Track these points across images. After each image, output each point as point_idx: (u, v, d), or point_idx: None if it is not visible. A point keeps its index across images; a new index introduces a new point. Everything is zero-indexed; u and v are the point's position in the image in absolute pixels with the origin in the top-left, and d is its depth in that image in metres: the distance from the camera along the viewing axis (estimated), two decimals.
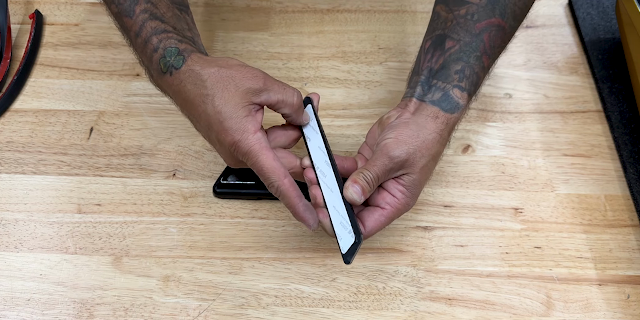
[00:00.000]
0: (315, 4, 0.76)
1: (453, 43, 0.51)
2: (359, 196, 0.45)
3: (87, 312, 0.52)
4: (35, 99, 0.67)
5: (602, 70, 0.69)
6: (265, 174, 0.46)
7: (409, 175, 0.48)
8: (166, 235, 0.57)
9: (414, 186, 0.48)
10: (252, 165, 0.47)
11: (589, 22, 0.73)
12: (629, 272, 0.55)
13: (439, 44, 0.52)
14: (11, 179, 0.60)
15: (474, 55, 0.51)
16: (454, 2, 0.52)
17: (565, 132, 0.64)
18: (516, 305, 0.53)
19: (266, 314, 0.52)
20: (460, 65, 0.50)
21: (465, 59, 0.50)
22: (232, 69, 0.47)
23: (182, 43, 0.49)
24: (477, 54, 0.51)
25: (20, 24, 0.74)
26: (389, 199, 0.48)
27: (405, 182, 0.48)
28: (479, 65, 0.51)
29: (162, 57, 0.48)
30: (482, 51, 0.51)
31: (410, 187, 0.48)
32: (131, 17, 0.50)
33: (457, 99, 0.50)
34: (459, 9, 0.52)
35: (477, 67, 0.51)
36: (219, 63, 0.48)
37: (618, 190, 0.60)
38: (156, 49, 0.48)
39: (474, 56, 0.50)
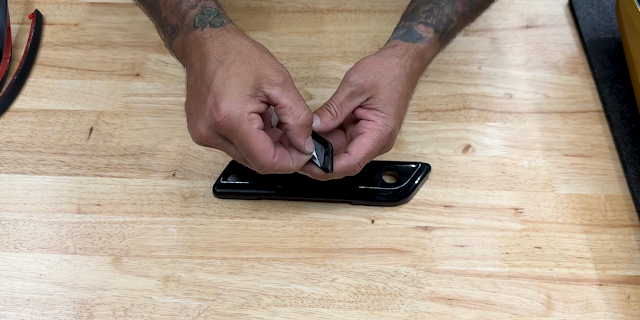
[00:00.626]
0: (315, 4, 0.76)
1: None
2: (317, 122, 0.48)
3: (87, 312, 0.52)
4: (35, 99, 0.67)
5: (602, 70, 0.69)
6: (255, 157, 0.45)
7: (374, 97, 0.49)
8: (166, 235, 0.57)
9: (384, 105, 0.49)
10: (239, 146, 0.45)
11: (589, 22, 0.73)
12: (630, 272, 0.55)
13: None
14: (11, 179, 0.60)
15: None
16: None
17: (565, 132, 0.64)
18: (516, 306, 0.53)
19: (266, 314, 0.52)
20: (429, 6, 0.53)
21: (436, 1, 0.53)
22: (265, 53, 0.47)
23: (220, 8, 0.49)
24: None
25: (20, 24, 0.74)
26: (365, 123, 0.49)
27: (373, 104, 0.49)
28: (450, 8, 0.52)
29: (200, 13, 0.48)
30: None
31: (381, 107, 0.49)
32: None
33: (420, 32, 0.52)
34: None
35: (447, 9, 0.52)
36: (256, 42, 0.48)
37: (618, 190, 0.60)
38: (194, 6, 0.48)
39: (447, 0, 0.53)
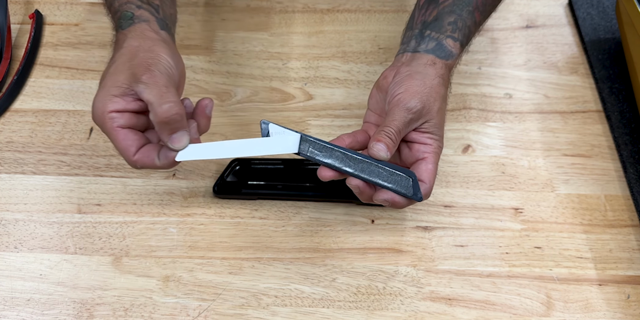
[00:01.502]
0: (315, 4, 0.76)
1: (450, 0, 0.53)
2: (385, 152, 0.47)
3: (87, 312, 0.52)
4: (35, 99, 0.67)
5: (602, 70, 0.69)
6: (121, 154, 0.47)
7: (429, 122, 0.49)
8: (166, 235, 0.57)
9: (437, 129, 0.50)
10: (110, 140, 0.47)
11: (589, 22, 0.73)
12: (629, 272, 0.55)
13: None
14: (11, 179, 0.60)
15: (466, 9, 0.52)
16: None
17: (565, 132, 0.64)
18: (516, 306, 0.53)
19: (266, 314, 0.52)
20: (453, 18, 0.52)
21: (458, 12, 0.52)
22: (146, 52, 0.47)
23: (140, 9, 0.50)
24: (470, 9, 0.52)
25: (20, 24, 0.74)
26: (423, 148, 0.49)
27: (428, 128, 0.49)
28: (471, 19, 0.53)
29: (119, 19, 0.51)
30: (475, 6, 0.53)
31: (435, 131, 0.49)
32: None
33: (450, 48, 0.51)
34: None
35: (469, 21, 0.52)
36: (147, 42, 0.48)
37: (618, 190, 0.60)
38: (116, 12, 0.51)
39: (467, 10, 0.52)
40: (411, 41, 0.53)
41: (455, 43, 0.52)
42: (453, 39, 0.52)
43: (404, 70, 0.50)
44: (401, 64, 0.51)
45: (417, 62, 0.50)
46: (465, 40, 0.53)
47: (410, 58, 0.51)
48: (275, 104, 0.66)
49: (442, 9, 0.53)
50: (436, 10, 0.53)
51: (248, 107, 0.66)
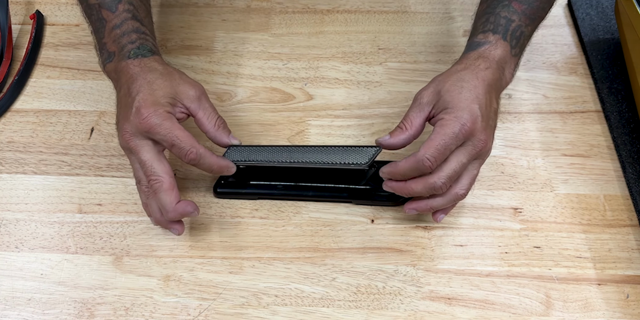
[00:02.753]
0: (315, 5, 0.76)
1: (484, 6, 0.58)
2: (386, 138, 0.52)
3: (88, 311, 0.52)
4: (36, 99, 0.67)
5: (601, 70, 0.69)
6: (180, 142, 0.50)
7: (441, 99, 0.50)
8: (167, 235, 0.57)
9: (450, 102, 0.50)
10: (164, 137, 0.50)
11: (588, 23, 0.73)
12: (628, 271, 0.55)
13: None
14: (12, 179, 0.61)
15: (500, 4, 0.56)
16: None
17: (564, 132, 0.64)
18: (515, 305, 0.53)
19: (266, 314, 0.52)
20: (484, 18, 0.56)
21: (490, 10, 0.56)
22: (183, 74, 0.55)
23: (155, 47, 0.57)
24: (505, 3, 0.55)
25: (21, 25, 0.74)
26: (436, 124, 0.50)
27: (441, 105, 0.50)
28: (507, 10, 0.55)
29: (137, 48, 0.55)
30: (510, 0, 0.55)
31: (447, 104, 0.50)
32: (113, 12, 0.56)
33: (478, 40, 0.55)
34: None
35: (504, 12, 0.55)
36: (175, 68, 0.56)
37: (617, 190, 0.60)
38: (133, 42, 0.55)
39: (501, 6, 0.56)
40: None
41: (486, 34, 0.54)
42: (483, 32, 0.55)
43: None
44: None
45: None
46: (500, 28, 0.54)
47: None
48: (276, 104, 0.66)
49: (477, 16, 0.58)
50: (474, 19, 0.58)
51: (248, 108, 0.66)
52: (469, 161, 0.50)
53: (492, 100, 0.51)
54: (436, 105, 0.51)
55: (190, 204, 0.51)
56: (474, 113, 0.49)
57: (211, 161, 0.52)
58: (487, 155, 0.52)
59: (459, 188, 0.50)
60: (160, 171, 0.50)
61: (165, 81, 0.52)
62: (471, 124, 0.48)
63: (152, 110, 0.50)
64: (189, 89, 0.53)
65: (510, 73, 0.55)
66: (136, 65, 0.53)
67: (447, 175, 0.49)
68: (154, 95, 0.51)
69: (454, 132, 0.48)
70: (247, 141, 0.63)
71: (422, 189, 0.49)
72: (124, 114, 0.52)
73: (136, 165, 0.52)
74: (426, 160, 0.48)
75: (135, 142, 0.51)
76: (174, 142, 0.50)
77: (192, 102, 0.53)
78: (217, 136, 0.54)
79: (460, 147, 0.49)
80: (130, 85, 0.52)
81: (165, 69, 0.54)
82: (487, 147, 0.50)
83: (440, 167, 0.49)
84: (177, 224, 0.53)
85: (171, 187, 0.50)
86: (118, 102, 0.54)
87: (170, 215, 0.50)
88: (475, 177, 0.51)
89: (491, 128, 0.51)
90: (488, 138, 0.50)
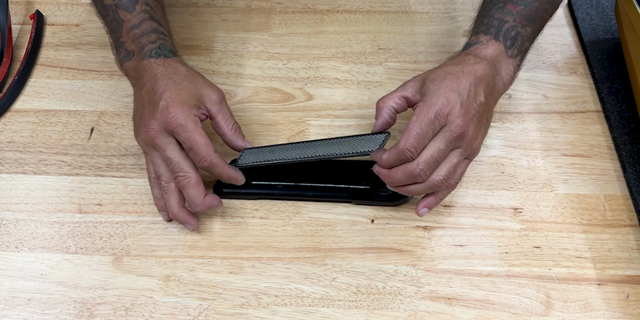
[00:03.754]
0: (315, 5, 0.76)
1: (481, 10, 0.59)
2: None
3: (88, 311, 0.52)
4: (36, 99, 0.67)
5: (601, 70, 0.69)
6: (198, 149, 0.52)
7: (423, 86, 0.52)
8: (167, 235, 0.57)
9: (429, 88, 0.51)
10: (185, 139, 0.52)
11: (588, 23, 0.73)
12: (628, 271, 0.55)
13: None
14: (12, 179, 0.61)
15: (495, 7, 0.57)
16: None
17: (564, 132, 0.64)
18: (515, 305, 0.53)
19: (266, 314, 0.52)
20: (479, 21, 0.58)
21: (485, 13, 0.58)
22: (205, 78, 0.57)
23: (174, 47, 0.59)
24: (500, 5, 0.57)
25: (21, 25, 0.74)
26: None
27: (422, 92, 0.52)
28: (501, 12, 0.56)
29: (157, 48, 0.56)
30: (506, 1, 0.57)
31: (426, 90, 0.51)
32: (130, 12, 0.58)
33: (470, 41, 0.56)
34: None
35: (498, 14, 0.56)
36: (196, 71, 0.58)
37: (617, 190, 0.60)
38: (153, 41, 0.57)
39: (496, 8, 0.57)
40: None
41: (477, 35, 0.56)
42: (475, 34, 0.57)
43: None
44: None
45: None
46: (493, 29, 0.56)
47: None
48: (276, 104, 0.67)
49: (474, 19, 0.59)
50: (473, 24, 0.59)
51: (248, 108, 0.66)
52: (447, 147, 0.50)
53: (479, 93, 0.51)
54: (419, 91, 0.53)
55: (216, 198, 0.54)
56: (451, 100, 0.50)
57: (222, 171, 0.54)
58: (471, 146, 0.51)
59: (436, 174, 0.50)
60: (187, 168, 0.52)
61: (190, 83, 0.55)
62: (447, 109, 0.49)
63: (179, 110, 0.52)
64: (212, 92, 0.55)
65: (508, 74, 0.55)
66: (160, 64, 0.55)
67: (425, 161, 0.49)
68: (181, 95, 0.53)
69: (429, 118, 0.49)
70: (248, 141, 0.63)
71: (402, 176, 0.50)
72: (148, 110, 0.53)
73: (157, 160, 0.54)
74: (407, 151, 0.49)
75: (162, 140, 0.52)
76: (193, 147, 0.52)
77: (213, 105, 0.55)
78: (233, 140, 0.56)
79: (438, 133, 0.50)
80: (155, 83, 0.54)
81: (189, 71, 0.56)
82: (465, 134, 0.50)
83: (420, 154, 0.49)
84: (193, 219, 0.55)
85: (198, 183, 0.53)
86: (139, 99, 0.55)
87: (199, 208, 0.53)
88: (456, 166, 0.51)
89: (473, 118, 0.51)
90: (467, 125, 0.50)
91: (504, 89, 0.56)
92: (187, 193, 0.53)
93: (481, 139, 0.52)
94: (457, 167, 0.51)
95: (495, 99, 0.55)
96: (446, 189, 0.53)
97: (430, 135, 0.49)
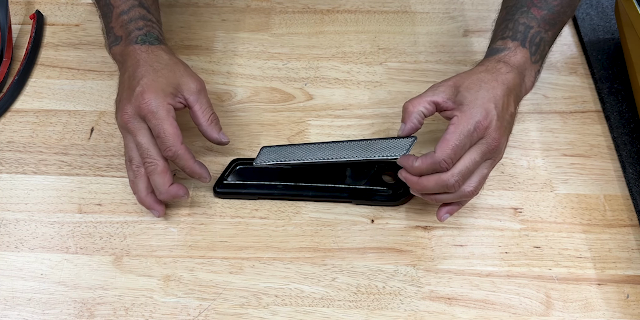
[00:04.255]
0: (315, 5, 0.76)
1: (504, 13, 0.58)
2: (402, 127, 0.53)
3: (88, 311, 0.52)
4: (36, 99, 0.67)
5: (601, 70, 0.69)
6: (165, 137, 0.52)
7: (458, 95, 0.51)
8: (167, 235, 0.57)
9: (465, 97, 0.50)
10: (154, 126, 0.52)
11: (588, 23, 0.73)
12: (628, 271, 0.55)
13: None
14: (12, 179, 0.61)
15: (519, 11, 0.56)
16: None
17: (564, 132, 0.64)
18: (515, 305, 0.53)
19: (266, 314, 0.52)
20: (503, 25, 0.57)
21: (509, 17, 0.57)
22: (187, 67, 0.57)
23: (161, 35, 0.60)
24: (524, 9, 0.56)
25: (21, 25, 0.74)
26: (450, 121, 0.50)
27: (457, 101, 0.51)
28: (526, 17, 0.56)
29: (144, 35, 0.57)
30: (529, 5, 0.56)
31: (462, 100, 0.50)
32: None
33: (497, 46, 0.55)
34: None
35: (523, 19, 0.56)
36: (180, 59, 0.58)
37: (617, 190, 0.60)
38: (140, 28, 0.58)
39: (520, 12, 0.56)
40: None
41: (504, 40, 0.55)
42: (502, 39, 0.55)
43: None
44: None
45: None
46: (519, 34, 0.55)
47: None
48: (276, 104, 0.66)
49: (498, 23, 0.58)
50: (495, 25, 0.59)
51: (248, 108, 0.66)
52: (481, 159, 0.50)
53: (510, 104, 0.51)
54: (453, 98, 0.51)
55: (182, 188, 0.54)
56: (489, 112, 0.49)
57: (186, 164, 0.53)
58: (499, 157, 0.52)
59: (467, 184, 0.50)
60: (156, 155, 0.53)
61: (169, 71, 0.55)
62: (486, 122, 0.49)
63: (153, 96, 0.52)
64: (191, 81, 0.55)
65: (530, 81, 0.55)
66: (143, 51, 0.56)
67: (460, 173, 0.49)
68: (158, 82, 0.53)
69: (468, 130, 0.48)
70: (247, 141, 0.63)
71: (435, 186, 0.50)
72: (126, 95, 0.54)
73: (131, 144, 0.54)
74: (443, 162, 0.48)
75: (134, 124, 0.53)
76: (160, 135, 0.52)
77: (191, 94, 0.55)
78: (208, 131, 0.56)
79: (474, 145, 0.49)
80: (136, 69, 0.55)
81: (171, 60, 0.57)
82: (500, 147, 0.50)
83: (454, 165, 0.49)
84: (159, 206, 0.55)
85: (165, 171, 0.53)
86: (121, 83, 0.57)
87: (163, 196, 0.54)
88: (485, 177, 0.51)
89: (506, 130, 0.51)
90: (501, 137, 0.50)
91: (525, 95, 0.56)
92: (153, 180, 0.53)
93: (506, 146, 0.53)
94: (487, 177, 0.51)
95: (518, 106, 0.55)
96: (461, 193, 0.52)
97: (467, 147, 0.49)
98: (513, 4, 0.57)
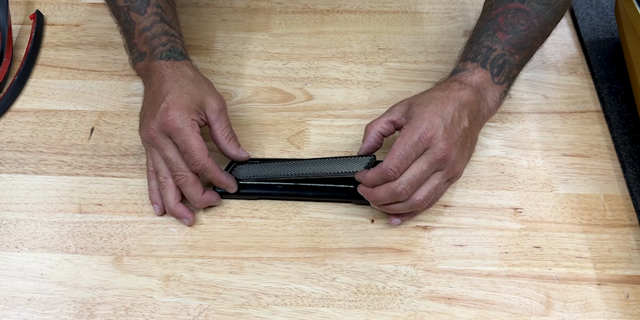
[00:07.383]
0: (315, 5, 0.76)
1: (471, 35, 0.59)
2: None
3: (88, 311, 0.52)
4: (36, 99, 0.67)
5: (601, 70, 0.69)
6: (192, 152, 0.53)
7: (409, 111, 0.54)
8: (167, 235, 0.57)
9: (414, 112, 0.53)
10: (180, 142, 0.53)
11: (588, 23, 0.73)
12: (628, 271, 0.55)
13: None
14: (12, 179, 0.61)
15: (485, 34, 0.57)
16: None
17: (564, 132, 0.64)
18: (515, 305, 0.53)
19: (266, 314, 0.52)
20: (468, 47, 0.58)
21: (475, 39, 0.58)
22: (211, 85, 0.59)
23: (184, 50, 0.61)
24: (489, 33, 0.57)
25: (21, 25, 0.74)
26: None
27: (408, 117, 0.53)
28: (490, 40, 0.57)
29: (168, 50, 0.58)
30: (495, 29, 0.57)
31: (411, 114, 0.53)
32: (142, 15, 0.59)
33: (457, 68, 0.57)
34: (484, 3, 0.61)
35: (487, 42, 0.57)
36: (204, 76, 0.60)
37: (617, 190, 0.60)
38: (164, 44, 0.59)
39: (486, 35, 0.57)
40: None
41: (465, 62, 0.57)
42: (463, 60, 0.58)
43: None
44: None
45: None
46: (480, 56, 0.57)
47: None
48: (276, 104, 0.67)
49: (464, 47, 0.60)
50: (461, 50, 0.60)
51: (248, 108, 0.66)
52: (429, 168, 0.51)
53: (463, 118, 0.53)
54: (405, 115, 0.54)
55: (214, 194, 0.57)
56: (434, 124, 0.51)
57: (214, 176, 0.55)
58: (454, 170, 0.53)
59: (417, 194, 0.52)
60: (185, 167, 0.54)
61: (194, 88, 0.56)
62: (430, 133, 0.51)
63: (178, 113, 0.53)
64: (213, 100, 0.57)
65: (494, 100, 0.57)
66: (169, 66, 0.57)
67: (407, 181, 0.51)
68: (182, 99, 0.54)
69: (413, 140, 0.51)
70: (248, 141, 0.63)
71: (384, 194, 0.52)
72: (151, 110, 0.55)
73: (157, 157, 0.56)
74: (389, 171, 0.50)
75: (161, 140, 0.54)
76: (187, 150, 0.53)
77: (212, 113, 0.57)
78: (228, 148, 0.57)
79: (422, 155, 0.51)
80: (161, 84, 0.56)
81: (196, 76, 0.58)
82: (449, 157, 0.51)
83: (402, 174, 0.51)
84: (190, 214, 0.57)
85: (196, 182, 0.55)
86: (146, 98, 0.58)
87: (198, 205, 0.56)
88: (436, 187, 0.52)
89: (456, 142, 0.52)
90: (450, 149, 0.51)
91: (489, 115, 0.57)
92: (186, 191, 0.55)
93: (464, 162, 0.54)
94: (437, 188, 0.52)
95: (480, 124, 0.56)
96: (410, 202, 0.53)
97: (413, 157, 0.51)
98: (481, 26, 0.59)
